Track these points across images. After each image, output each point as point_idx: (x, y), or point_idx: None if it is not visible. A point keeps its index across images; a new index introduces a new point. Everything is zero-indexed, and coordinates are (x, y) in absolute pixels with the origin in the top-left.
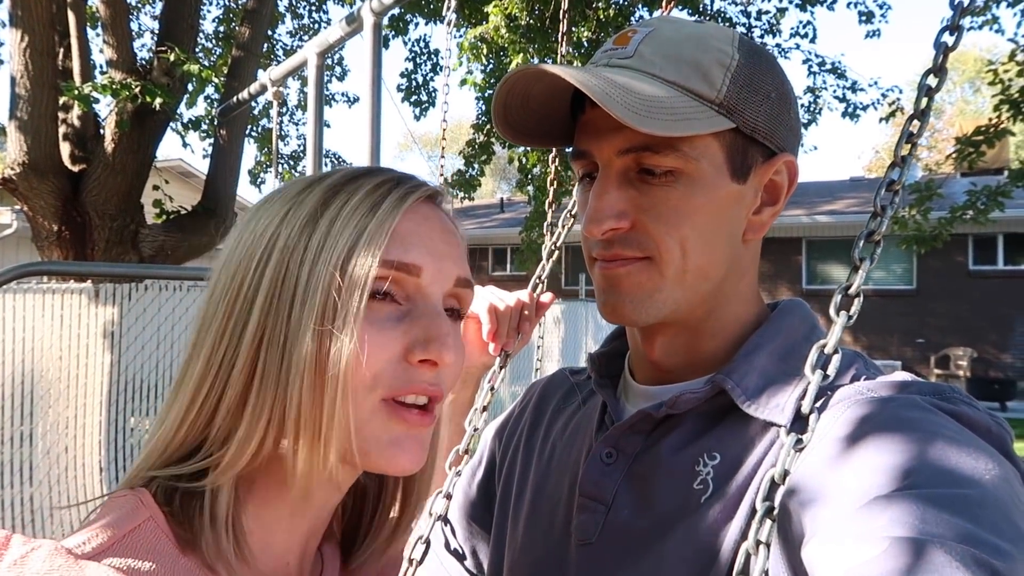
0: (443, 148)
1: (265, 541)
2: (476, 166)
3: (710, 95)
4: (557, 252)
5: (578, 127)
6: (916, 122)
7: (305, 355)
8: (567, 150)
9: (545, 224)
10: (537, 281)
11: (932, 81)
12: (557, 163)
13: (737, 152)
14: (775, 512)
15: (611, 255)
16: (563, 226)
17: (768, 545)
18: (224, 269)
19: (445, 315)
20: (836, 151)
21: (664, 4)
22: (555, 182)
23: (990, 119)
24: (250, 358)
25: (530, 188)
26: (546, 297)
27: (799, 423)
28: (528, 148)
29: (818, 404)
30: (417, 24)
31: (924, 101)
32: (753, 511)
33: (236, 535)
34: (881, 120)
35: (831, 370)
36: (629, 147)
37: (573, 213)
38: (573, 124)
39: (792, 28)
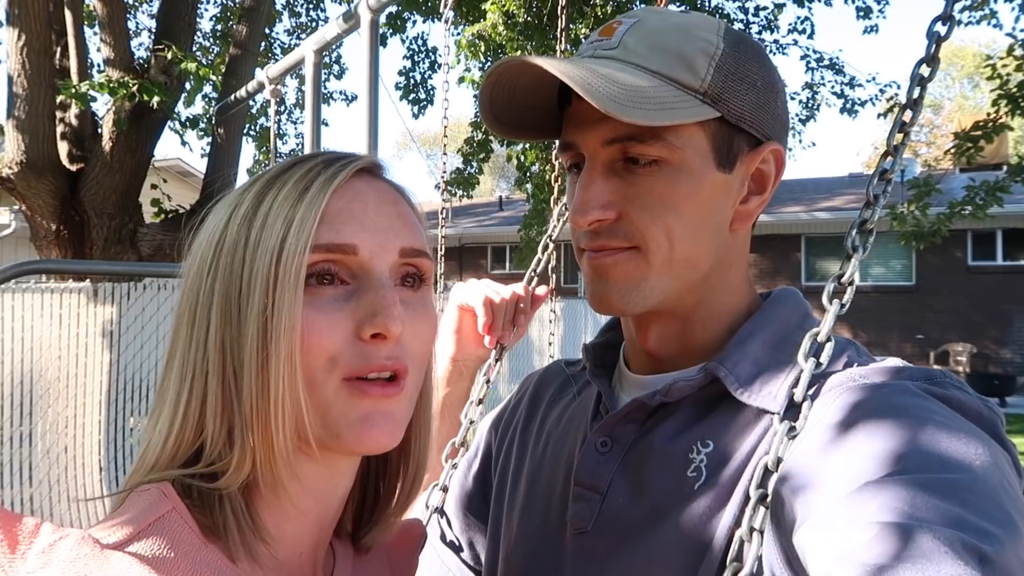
0: (444, 147)
1: (279, 530)
2: (475, 164)
3: (694, 84)
4: (552, 245)
5: (564, 119)
6: (909, 112)
7: (252, 350)
8: None
9: (550, 222)
10: (532, 274)
11: (925, 71)
12: (559, 159)
13: (723, 141)
14: (768, 499)
15: (598, 246)
16: (558, 219)
17: (762, 532)
18: (185, 278)
19: (391, 286)
20: (835, 147)
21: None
22: (558, 178)
23: (988, 114)
24: (219, 364)
25: (528, 186)
26: (541, 290)
27: (792, 411)
28: (526, 145)
29: (810, 392)
30: (415, 22)
31: (917, 91)
32: (747, 498)
33: (256, 525)
34: (879, 116)
35: (824, 358)
36: (614, 137)
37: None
38: (560, 116)
39: (790, 24)
